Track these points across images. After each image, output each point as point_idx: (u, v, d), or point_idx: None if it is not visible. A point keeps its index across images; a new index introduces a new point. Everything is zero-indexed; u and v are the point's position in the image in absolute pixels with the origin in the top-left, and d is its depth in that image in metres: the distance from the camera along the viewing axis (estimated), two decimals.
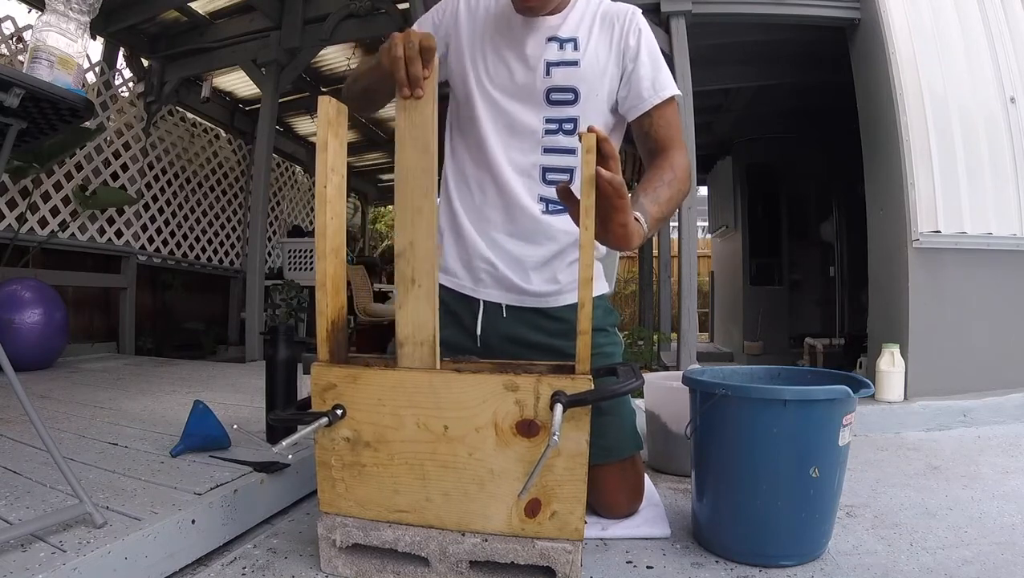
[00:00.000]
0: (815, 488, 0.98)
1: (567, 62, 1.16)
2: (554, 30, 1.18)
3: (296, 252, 4.81)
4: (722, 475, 1.06)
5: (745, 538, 1.03)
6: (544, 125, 1.18)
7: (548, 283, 1.24)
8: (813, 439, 0.99)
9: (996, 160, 2.58)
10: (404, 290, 0.93)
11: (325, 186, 0.94)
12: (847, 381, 1.00)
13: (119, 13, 3.64)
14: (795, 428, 0.97)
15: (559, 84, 1.16)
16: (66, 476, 0.95)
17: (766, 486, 0.99)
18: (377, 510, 0.97)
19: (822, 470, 0.97)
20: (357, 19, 3.72)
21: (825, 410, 0.98)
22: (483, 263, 1.23)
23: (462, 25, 1.24)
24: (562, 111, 1.17)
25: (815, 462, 0.97)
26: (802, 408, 0.97)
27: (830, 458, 0.99)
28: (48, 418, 1.75)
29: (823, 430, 0.98)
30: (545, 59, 1.16)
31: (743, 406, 1.00)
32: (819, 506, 1.01)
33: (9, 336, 2.59)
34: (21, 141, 1.05)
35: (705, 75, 3.46)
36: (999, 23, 2.67)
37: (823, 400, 0.97)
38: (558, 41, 1.17)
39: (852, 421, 1.01)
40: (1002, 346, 2.54)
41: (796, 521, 1.00)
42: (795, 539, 1.02)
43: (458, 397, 0.91)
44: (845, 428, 0.99)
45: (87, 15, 1.01)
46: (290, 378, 1.66)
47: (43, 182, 3.32)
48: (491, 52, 1.20)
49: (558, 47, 1.17)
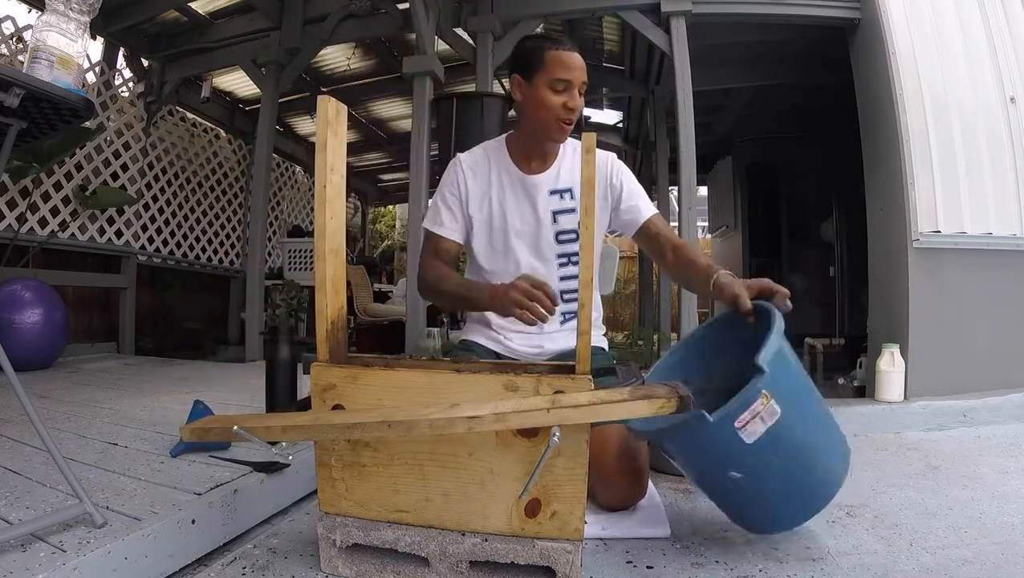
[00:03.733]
0: (740, 486, 1.06)
1: (567, 209, 1.41)
2: (552, 183, 1.43)
3: (296, 252, 4.81)
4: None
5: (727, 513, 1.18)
6: (557, 260, 1.43)
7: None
8: (710, 452, 1.05)
9: (996, 160, 2.58)
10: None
11: (325, 186, 0.94)
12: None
13: (119, 13, 3.64)
14: (695, 446, 1.08)
15: (564, 228, 1.42)
16: (66, 476, 0.95)
17: (707, 489, 1.16)
18: (377, 510, 0.97)
19: (741, 470, 1.03)
20: (357, 19, 3.72)
21: (708, 429, 0.99)
22: (504, 349, 1.45)
23: (470, 186, 1.44)
24: (569, 247, 1.43)
25: (731, 468, 1.04)
26: (684, 432, 1.03)
27: (743, 458, 1.02)
28: (48, 418, 1.75)
29: (718, 442, 1.01)
30: (552, 209, 1.42)
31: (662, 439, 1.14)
32: (757, 498, 1.08)
33: (9, 336, 2.59)
34: (21, 141, 1.05)
35: (705, 75, 3.46)
36: (999, 23, 2.67)
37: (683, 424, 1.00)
38: (558, 192, 1.42)
39: (758, 412, 0.98)
40: (1002, 346, 2.53)
41: (741, 514, 1.15)
42: (748, 522, 1.16)
43: (458, 397, 0.91)
44: (742, 430, 0.98)
45: (87, 15, 1.01)
46: (290, 378, 1.66)
47: (43, 182, 3.32)
48: (507, 203, 1.42)
49: (559, 197, 1.42)
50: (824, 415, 1.12)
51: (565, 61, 1.32)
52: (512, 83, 1.39)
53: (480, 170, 1.45)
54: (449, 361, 1.05)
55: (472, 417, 0.81)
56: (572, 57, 1.33)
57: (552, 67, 1.32)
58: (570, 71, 1.32)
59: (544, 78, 1.33)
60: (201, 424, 0.97)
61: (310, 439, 1.10)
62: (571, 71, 1.32)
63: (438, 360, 1.07)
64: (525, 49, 1.39)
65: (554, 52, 1.33)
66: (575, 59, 1.34)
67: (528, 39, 1.54)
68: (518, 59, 1.39)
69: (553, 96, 1.32)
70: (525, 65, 1.36)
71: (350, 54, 4.62)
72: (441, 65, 3.24)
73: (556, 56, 1.32)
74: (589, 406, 0.82)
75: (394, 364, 0.99)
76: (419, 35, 3.17)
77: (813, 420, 1.09)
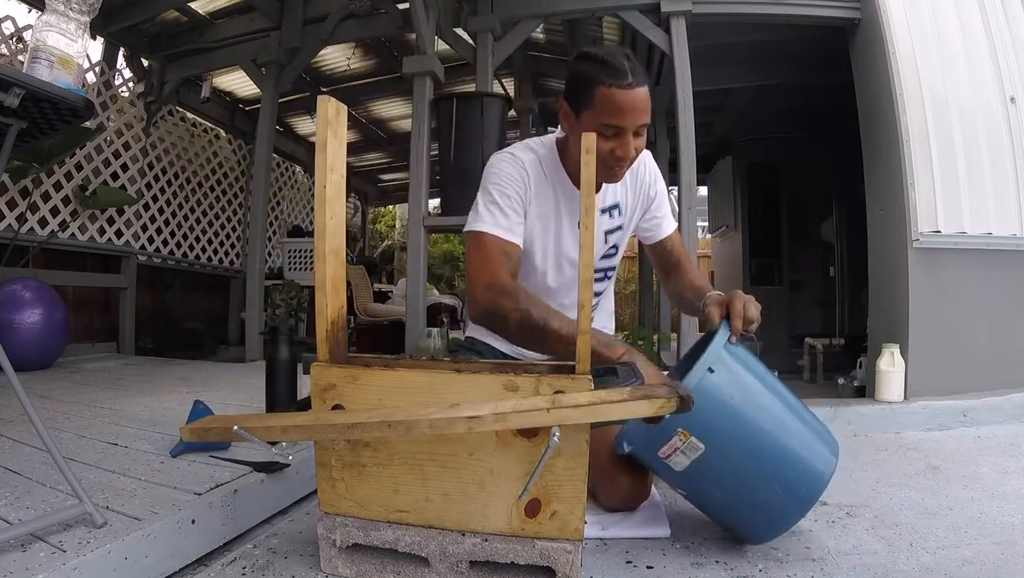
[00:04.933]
0: (696, 501, 1.15)
1: (616, 228, 1.35)
2: (602, 200, 1.32)
3: (296, 252, 4.81)
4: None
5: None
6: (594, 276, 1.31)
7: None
8: (658, 470, 1.10)
9: (996, 160, 2.58)
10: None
11: (325, 186, 0.93)
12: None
13: (119, 13, 3.64)
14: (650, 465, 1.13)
15: (610, 245, 1.36)
16: (66, 476, 0.95)
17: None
18: (377, 510, 0.97)
19: (685, 489, 1.13)
20: (357, 19, 3.72)
21: (637, 453, 1.09)
22: (511, 349, 1.40)
23: (531, 197, 1.28)
24: (608, 262, 1.38)
25: (677, 487, 1.14)
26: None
27: (680, 481, 1.09)
28: (48, 418, 1.75)
29: (656, 465, 1.07)
30: (604, 230, 1.34)
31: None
32: (715, 512, 1.15)
33: (9, 336, 2.59)
34: (21, 141, 1.05)
35: (705, 75, 3.46)
36: (999, 23, 2.67)
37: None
38: (607, 211, 1.33)
39: (677, 447, 1.02)
40: (1002, 346, 2.53)
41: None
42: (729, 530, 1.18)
43: (458, 397, 0.91)
44: (667, 460, 1.04)
45: (87, 15, 1.01)
46: (290, 378, 1.66)
47: (43, 182, 3.32)
48: (564, 229, 1.30)
49: (608, 216, 1.33)
50: (784, 438, 1.05)
51: (619, 103, 1.07)
52: (560, 109, 1.20)
53: (541, 183, 1.26)
54: (449, 361, 1.05)
55: (472, 417, 0.81)
56: (631, 97, 1.08)
57: (604, 109, 1.09)
58: (624, 116, 1.08)
59: (592, 119, 1.10)
60: (201, 424, 0.97)
61: (310, 439, 1.10)
62: (626, 116, 1.08)
63: (438, 360, 1.07)
64: (578, 74, 1.14)
65: (608, 90, 1.08)
66: (635, 99, 1.08)
67: (585, 59, 1.14)
68: (569, 84, 1.17)
69: (601, 141, 1.09)
70: (575, 95, 1.14)
71: (350, 54, 4.62)
72: (441, 65, 3.23)
73: (610, 96, 1.08)
74: (589, 406, 0.82)
75: (394, 364, 0.99)
76: (419, 35, 3.17)
77: (757, 453, 1.03)
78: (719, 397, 1.02)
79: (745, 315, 1.07)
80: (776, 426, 1.06)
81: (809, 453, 1.06)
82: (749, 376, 1.07)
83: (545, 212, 1.27)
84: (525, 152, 1.27)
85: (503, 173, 1.23)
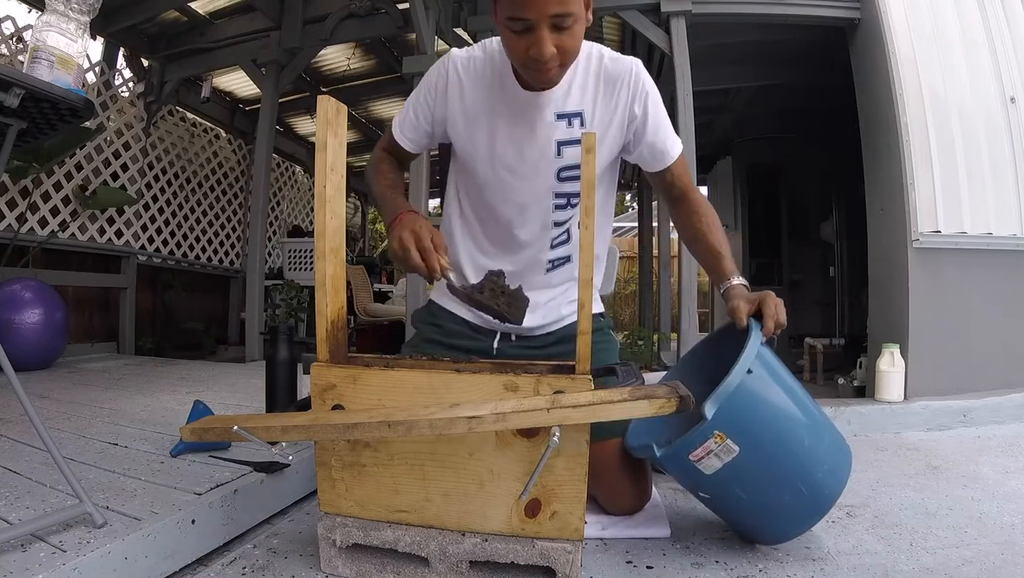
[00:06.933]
0: (714, 505, 1.14)
1: (576, 140, 1.14)
2: (559, 104, 1.15)
3: (296, 252, 4.81)
4: None
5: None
6: (554, 201, 1.20)
7: (550, 316, 1.31)
8: (678, 474, 1.11)
9: (996, 160, 2.58)
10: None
11: (325, 186, 0.94)
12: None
13: (119, 13, 3.64)
14: (667, 467, 1.11)
15: (570, 163, 1.16)
16: (66, 476, 0.95)
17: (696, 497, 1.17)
18: (377, 510, 0.97)
19: (708, 493, 1.10)
20: (357, 19, 3.72)
21: (663, 458, 1.06)
22: (473, 316, 1.33)
23: (453, 101, 1.19)
24: (572, 186, 1.18)
25: (699, 490, 1.11)
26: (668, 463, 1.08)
27: (707, 485, 1.06)
28: (48, 418, 1.75)
29: (682, 468, 1.05)
30: (555, 139, 1.15)
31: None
32: (733, 515, 1.14)
33: (9, 336, 2.59)
34: (21, 141, 1.05)
35: (705, 75, 3.46)
36: (999, 23, 2.67)
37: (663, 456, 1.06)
38: (565, 117, 1.15)
39: (712, 450, 0.99)
40: (1002, 346, 2.54)
41: (729, 522, 1.18)
42: (737, 530, 1.18)
43: (458, 397, 0.91)
44: (698, 463, 1.01)
45: (87, 15, 1.01)
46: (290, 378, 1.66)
47: (43, 182, 3.32)
48: (499, 130, 1.17)
49: (566, 124, 1.15)
50: (811, 439, 1.05)
51: None
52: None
53: (478, 83, 1.16)
54: (449, 361, 1.05)
55: (472, 417, 0.81)
56: None
57: (505, 1, 0.98)
58: (527, 7, 0.95)
59: (502, 13, 1.00)
60: (201, 424, 0.97)
61: (310, 439, 1.10)
62: (528, 7, 0.95)
63: (438, 360, 1.07)
64: None
65: None
66: None
67: None
68: None
69: (514, 40, 1.01)
70: None
71: (350, 54, 4.62)
72: None
73: None
74: (589, 406, 0.82)
75: (394, 364, 0.99)
76: (419, 35, 3.17)
77: (788, 454, 1.03)
78: (758, 399, 1.02)
79: (778, 318, 1.05)
80: (806, 427, 1.06)
81: (835, 452, 1.08)
82: (781, 376, 1.07)
83: (475, 111, 1.17)
84: (470, 52, 1.20)
85: (426, 75, 1.23)
